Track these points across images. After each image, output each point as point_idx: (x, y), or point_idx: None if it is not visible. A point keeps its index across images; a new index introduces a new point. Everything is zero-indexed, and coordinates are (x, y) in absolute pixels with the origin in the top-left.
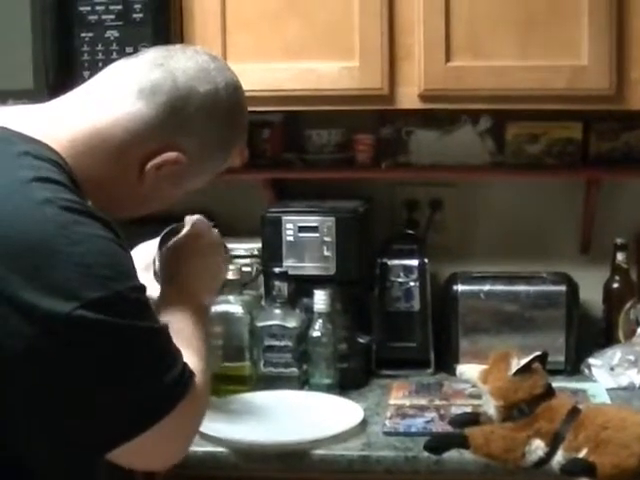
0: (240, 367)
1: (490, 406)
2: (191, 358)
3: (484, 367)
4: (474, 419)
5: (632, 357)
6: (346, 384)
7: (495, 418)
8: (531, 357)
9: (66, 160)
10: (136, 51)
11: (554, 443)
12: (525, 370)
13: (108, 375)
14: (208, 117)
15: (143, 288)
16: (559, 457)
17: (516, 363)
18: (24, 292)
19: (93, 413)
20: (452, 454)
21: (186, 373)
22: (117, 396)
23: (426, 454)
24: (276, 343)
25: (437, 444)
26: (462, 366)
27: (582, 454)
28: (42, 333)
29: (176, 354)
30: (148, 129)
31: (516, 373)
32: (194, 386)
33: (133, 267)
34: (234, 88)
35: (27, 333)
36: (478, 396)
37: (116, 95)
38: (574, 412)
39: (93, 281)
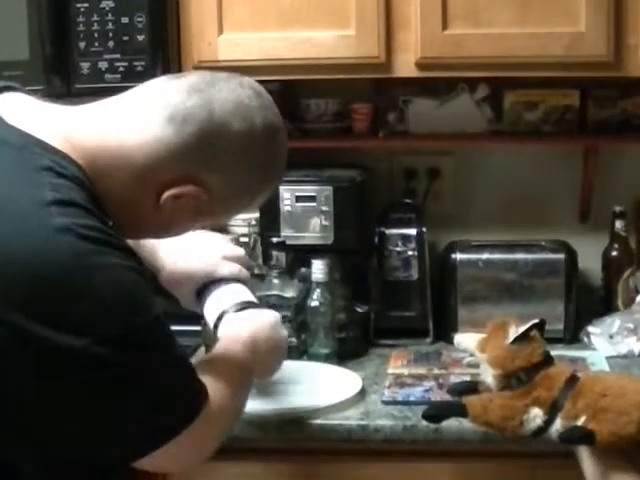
0: None
1: (488, 375)
2: (218, 385)
3: (482, 336)
4: (473, 388)
5: (631, 325)
6: (345, 354)
7: (493, 387)
8: (529, 325)
9: (88, 175)
10: (132, 22)
11: (552, 411)
12: (523, 338)
13: (119, 405)
14: (237, 158)
15: (160, 317)
16: (557, 425)
17: (514, 331)
18: (38, 326)
19: (104, 437)
20: (450, 423)
21: (200, 397)
22: (125, 423)
23: (425, 423)
24: None
25: (435, 413)
26: (459, 335)
27: (580, 422)
28: (55, 367)
29: (191, 381)
30: (172, 157)
31: (514, 341)
32: (206, 411)
33: (152, 295)
34: (273, 130)
35: (41, 367)
36: (476, 365)
37: (147, 115)
38: (572, 380)
39: (109, 316)
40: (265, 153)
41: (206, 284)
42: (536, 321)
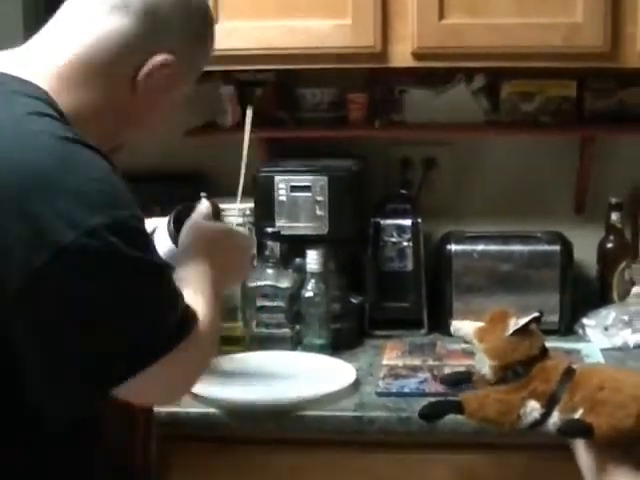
0: (232, 328)
1: (484, 365)
2: (199, 303)
3: (480, 324)
4: (466, 378)
5: (626, 317)
6: (339, 344)
7: (489, 377)
8: (529, 318)
9: (56, 100)
10: None
11: (550, 404)
12: (522, 331)
13: (108, 307)
14: (183, 13)
15: (142, 218)
16: (555, 418)
17: (514, 323)
18: (26, 223)
19: (91, 349)
20: None
21: (188, 314)
22: (116, 331)
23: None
24: (269, 303)
25: (431, 411)
26: (457, 322)
27: (578, 415)
28: (47, 263)
29: (177, 294)
30: (130, 41)
31: (514, 333)
32: (196, 327)
33: (131, 195)
34: None
35: (33, 264)
36: (472, 353)
37: (89, 17)
38: (569, 372)
39: (94, 208)
40: (200, 2)
41: None
42: (536, 314)
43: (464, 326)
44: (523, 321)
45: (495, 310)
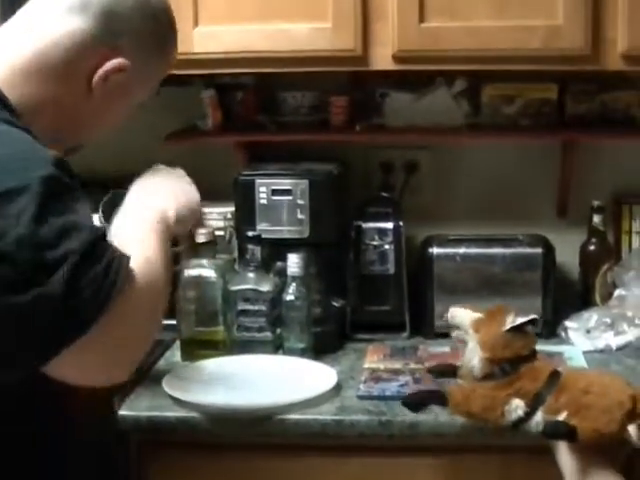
0: (213, 332)
1: (475, 356)
2: (136, 254)
3: (478, 315)
4: (452, 370)
5: (608, 320)
6: (320, 348)
7: (476, 370)
8: (527, 319)
9: (5, 91)
10: None
11: (534, 404)
12: (518, 329)
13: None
14: (141, 14)
15: (61, 179)
16: (538, 418)
17: (511, 320)
18: None
19: (19, 319)
20: (427, 417)
21: (121, 270)
22: (41, 295)
23: (400, 418)
24: (250, 307)
25: (415, 400)
26: (455, 309)
27: (562, 417)
28: None
29: (103, 249)
30: (87, 42)
31: (509, 330)
32: (130, 283)
33: (50, 157)
34: None
35: None
36: (463, 341)
37: (48, 17)
38: (555, 375)
39: (5, 172)
40: (161, 5)
41: None
42: (535, 317)
43: (461, 314)
44: (520, 320)
45: (495, 305)
